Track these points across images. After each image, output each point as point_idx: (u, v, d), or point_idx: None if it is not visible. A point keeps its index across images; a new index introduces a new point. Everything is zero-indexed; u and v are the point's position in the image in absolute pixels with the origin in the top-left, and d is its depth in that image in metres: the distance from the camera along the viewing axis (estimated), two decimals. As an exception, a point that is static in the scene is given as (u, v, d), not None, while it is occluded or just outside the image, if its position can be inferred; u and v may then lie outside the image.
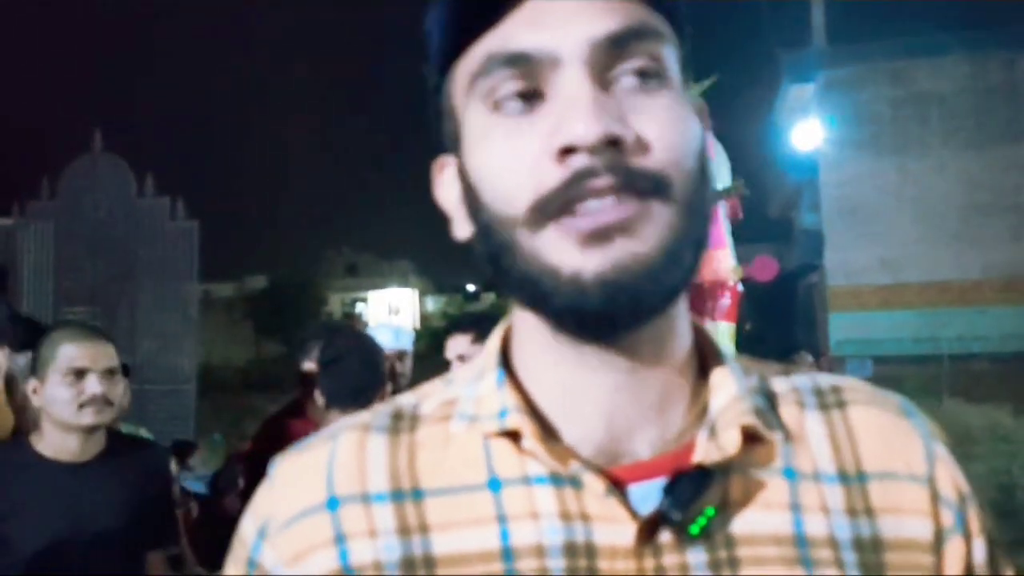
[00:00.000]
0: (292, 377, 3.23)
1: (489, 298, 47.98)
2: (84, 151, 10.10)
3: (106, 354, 2.06)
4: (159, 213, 10.07)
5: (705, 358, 0.61)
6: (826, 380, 0.64)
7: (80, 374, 2.01)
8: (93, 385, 2.01)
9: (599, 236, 0.51)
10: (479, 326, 2.32)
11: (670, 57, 0.55)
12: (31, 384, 2.07)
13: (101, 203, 10.01)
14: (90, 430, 2.04)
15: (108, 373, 2.05)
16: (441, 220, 0.61)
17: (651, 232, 0.51)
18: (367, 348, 2.42)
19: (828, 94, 18.92)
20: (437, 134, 0.62)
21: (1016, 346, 16.89)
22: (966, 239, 18.25)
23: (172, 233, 10.10)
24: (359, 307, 46.78)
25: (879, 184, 18.65)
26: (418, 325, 38.05)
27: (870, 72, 18.85)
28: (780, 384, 0.62)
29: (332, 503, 0.57)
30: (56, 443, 2.04)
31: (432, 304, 49.38)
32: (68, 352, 2.02)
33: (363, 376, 2.27)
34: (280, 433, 2.81)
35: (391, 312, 44.34)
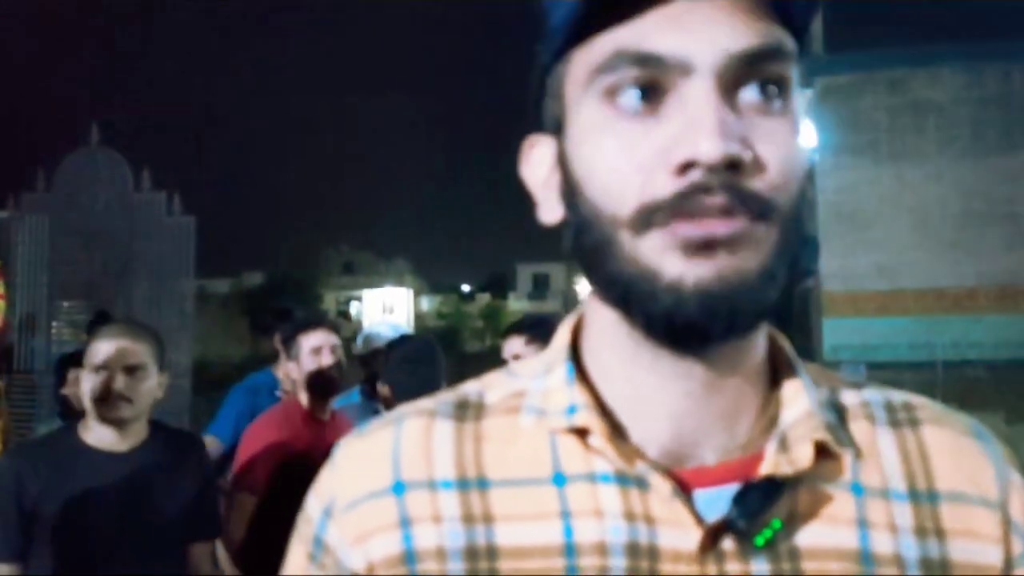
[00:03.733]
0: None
1: (484, 298, 47.89)
2: (81, 144, 10.08)
3: (128, 352, 2.11)
4: (155, 208, 10.05)
5: (777, 366, 0.60)
6: (898, 396, 0.63)
7: (101, 370, 2.08)
8: (111, 382, 2.08)
9: (704, 247, 0.50)
10: (532, 329, 2.56)
11: (793, 76, 0.54)
12: (79, 376, 2.20)
13: (97, 197, 9.99)
14: (119, 423, 2.10)
15: (127, 370, 2.09)
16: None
17: (753, 251, 0.51)
18: (437, 355, 2.75)
19: (825, 101, 18.93)
20: (535, 111, 0.60)
21: (1010, 354, 16.90)
22: (962, 247, 18.25)
23: (168, 228, 10.08)
24: (353, 306, 46.66)
25: (875, 191, 18.64)
26: (412, 324, 37.99)
27: (867, 80, 18.84)
28: (850, 398, 0.61)
29: (399, 487, 0.58)
30: (97, 433, 2.13)
31: (427, 304, 49.27)
32: (93, 349, 2.13)
33: (431, 377, 2.58)
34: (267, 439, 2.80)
35: (385, 311, 44.23)
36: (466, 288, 51.41)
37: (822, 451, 0.56)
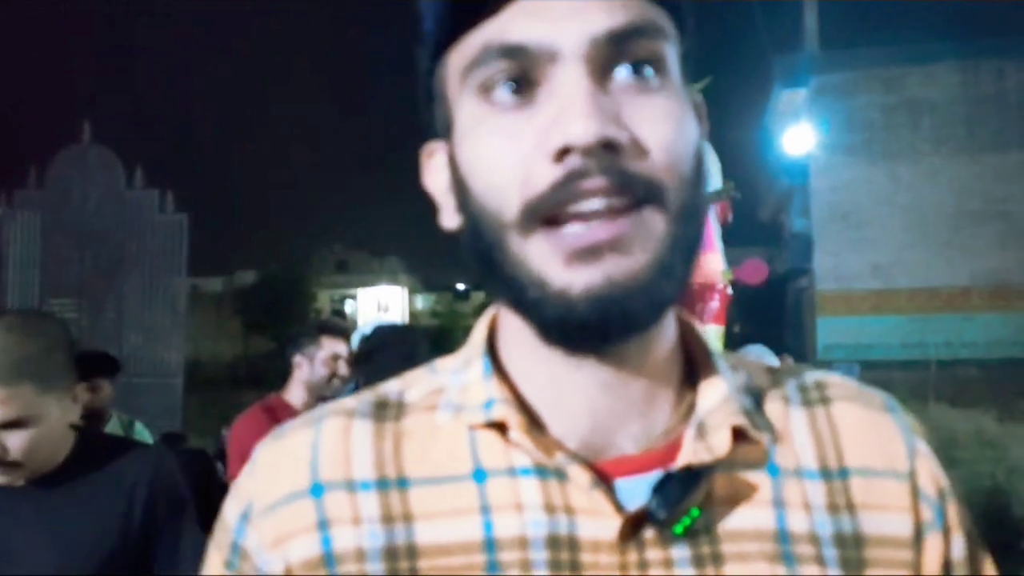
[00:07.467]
0: (280, 373, 3.21)
1: (479, 297, 47.98)
2: (73, 141, 10.04)
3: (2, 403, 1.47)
4: (148, 205, 10.01)
5: (691, 352, 0.60)
6: (811, 376, 0.63)
7: None
8: None
9: (588, 253, 0.49)
10: None
11: (671, 55, 0.53)
12: None
13: (89, 194, 9.94)
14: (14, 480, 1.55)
15: (7, 427, 1.47)
16: (433, 218, 0.60)
17: (643, 246, 0.50)
18: (405, 340, 2.60)
19: (820, 99, 18.99)
20: (427, 118, 0.60)
21: (1002, 352, 17.03)
22: (955, 246, 18.36)
23: (161, 226, 10.04)
24: (348, 304, 46.69)
25: (870, 190, 18.74)
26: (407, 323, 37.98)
27: (863, 78, 18.93)
28: (766, 382, 0.62)
29: (316, 489, 0.57)
30: None
31: (421, 302, 49.35)
32: None
33: (400, 367, 2.44)
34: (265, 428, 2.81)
35: (380, 309, 44.29)
36: (460, 286, 51.46)
37: (739, 435, 0.56)
